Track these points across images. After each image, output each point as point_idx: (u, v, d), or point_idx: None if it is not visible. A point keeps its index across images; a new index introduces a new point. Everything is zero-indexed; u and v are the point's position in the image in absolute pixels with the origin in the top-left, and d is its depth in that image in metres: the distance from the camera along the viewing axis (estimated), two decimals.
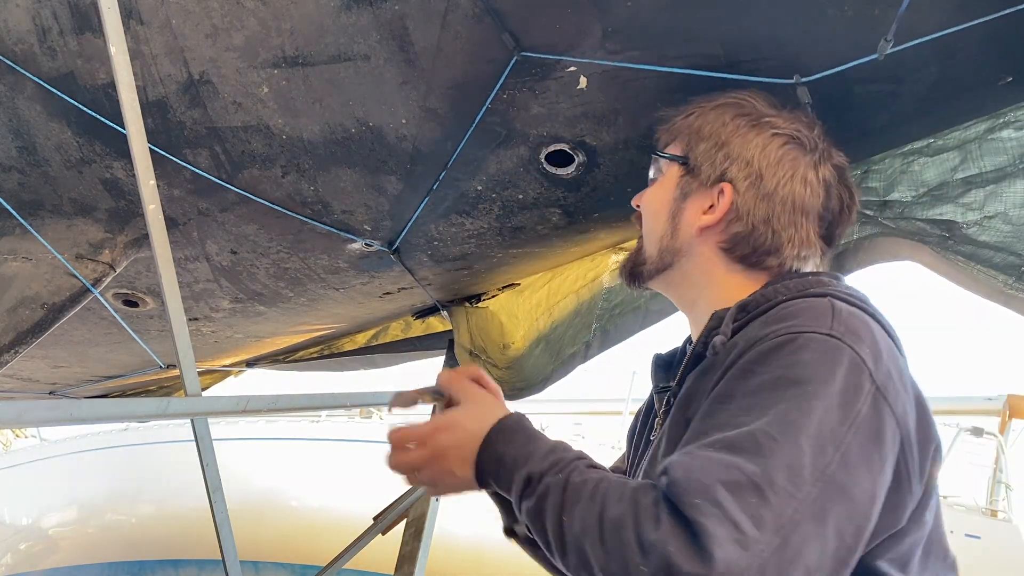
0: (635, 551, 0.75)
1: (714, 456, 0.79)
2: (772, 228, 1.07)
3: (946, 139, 1.39)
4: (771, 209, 1.07)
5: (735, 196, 1.09)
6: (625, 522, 0.78)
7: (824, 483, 0.78)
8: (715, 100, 1.15)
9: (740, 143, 1.10)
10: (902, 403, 0.88)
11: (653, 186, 1.20)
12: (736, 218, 1.09)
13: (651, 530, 0.75)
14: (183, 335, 1.40)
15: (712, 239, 1.11)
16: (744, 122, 1.11)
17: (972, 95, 1.32)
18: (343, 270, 1.92)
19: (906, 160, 1.42)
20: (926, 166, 1.40)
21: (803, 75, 1.22)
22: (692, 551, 0.72)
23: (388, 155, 1.50)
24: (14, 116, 1.55)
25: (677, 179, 1.15)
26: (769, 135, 1.09)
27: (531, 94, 1.33)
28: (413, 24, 1.26)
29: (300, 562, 6.95)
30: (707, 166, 1.11)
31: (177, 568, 7.60)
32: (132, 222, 1.74)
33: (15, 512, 8.79)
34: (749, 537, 0.72)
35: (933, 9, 1.12)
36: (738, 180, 1.09)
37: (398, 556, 2.48)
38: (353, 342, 3.09)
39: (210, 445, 1.59)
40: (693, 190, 1.13)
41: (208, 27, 1.35)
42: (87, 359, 2.64)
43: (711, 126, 1.13)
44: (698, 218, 1.11)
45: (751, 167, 1.08)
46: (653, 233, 1.17)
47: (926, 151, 1.41)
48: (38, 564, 8.31)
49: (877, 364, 0.87)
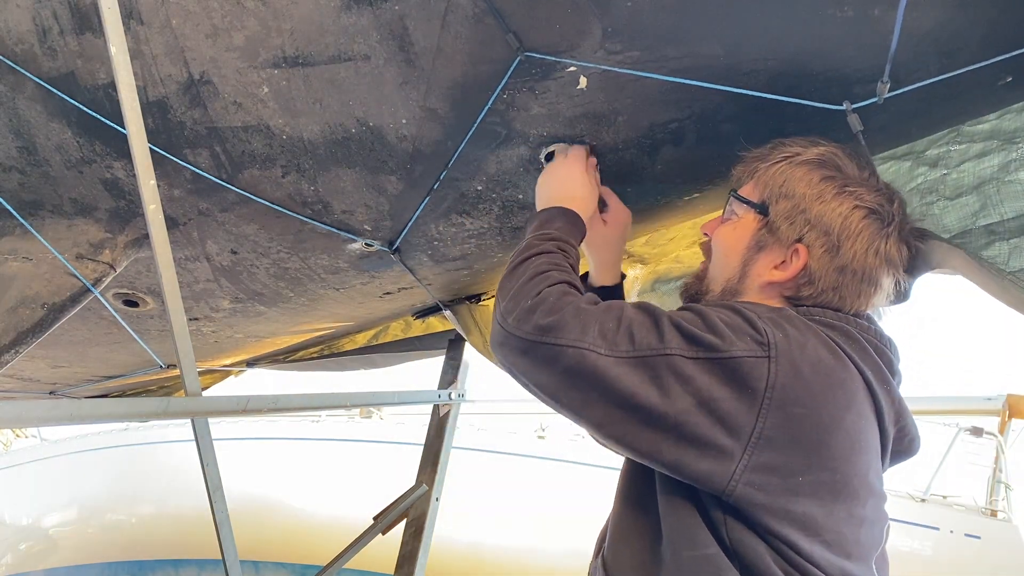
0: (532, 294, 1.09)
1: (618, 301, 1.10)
2: (840, 295, 1.12)
3: (961, 174, 1.39)
4: (842, 279, 1.12)
5: (809, 260, 1.12)
6: (546, 279, 1.12)
7: (659, 355, 0.98)
8: (802, 153, 1.17)
9: (822, 209, 1.13)
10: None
11: (727, 225, 1.23)
12: (807, 281, 1.13)
13: (548, 288, 1.10)
14: (183, 335, 1.41)
15: (777, 290, 1.16)
16: (829, 187, 1.13)
17: (972, 95, 1.32)
18: (343, 270, 1.92)
19: (925, 201, 1.42)
20: (946, 210, 1.40)
21: (852, 100, 1.20)
22: (549, 308, 1.05)
23: (388, 155, 1.50)
24: (14, 116, 1.55)
25: (754, 229, 1.18)
26: (852, 206, 1.12)
27: (531, 94, 1.33)
28: (413, 24, 1.26)
29: (300, 562, 6.95)
30: (786, 226, 1.14)
31: (177, 568, 7.60)
32: (132, 222, 1.74)
33: (15, 512, 8.78)
34: (586, 331, 1.02)
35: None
36: (815, 246, 1.12)
37: (398, 556, 2.49)
38: (353, 342, 3.10)
39: (210, 445, 1.60)
40: (768, 244, 1.16)
41: (208, 27, 1.35)
42: (87, 359, 2.64)
43: (795, 184, 1.15)
44: (768, 271, 1.16)
45: (829, 237, 1.12)
46: (721, 272, 1.22)
47: (943, 191, 1.41)
48: (38, 564, 8.31)
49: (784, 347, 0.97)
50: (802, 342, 0.99)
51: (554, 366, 1.01)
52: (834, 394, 0.97)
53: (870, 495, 1.01)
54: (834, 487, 0.97)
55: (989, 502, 6.49)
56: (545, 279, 1.11)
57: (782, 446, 0.94)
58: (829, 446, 0.96)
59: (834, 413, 0.97)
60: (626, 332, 1.00)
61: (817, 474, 0.96)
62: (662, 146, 1.43)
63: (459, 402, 2.65)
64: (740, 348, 0.96)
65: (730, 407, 0.94)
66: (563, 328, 1.01)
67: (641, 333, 1.00)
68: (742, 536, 0.96)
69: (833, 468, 0.97)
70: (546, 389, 1.03)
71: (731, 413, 0.94)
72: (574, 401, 1.01)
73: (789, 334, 0.99)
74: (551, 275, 1.13)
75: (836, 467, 0.97)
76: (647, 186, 1.56)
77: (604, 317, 1.03)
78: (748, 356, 0.95)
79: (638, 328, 1.01)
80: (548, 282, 1.10)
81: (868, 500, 1.01)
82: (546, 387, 1.03)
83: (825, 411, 0.96)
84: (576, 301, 1.06)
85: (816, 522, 0.96)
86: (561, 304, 1.05)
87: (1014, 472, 6.68)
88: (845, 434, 0.97)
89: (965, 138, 1.43)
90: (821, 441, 0.96)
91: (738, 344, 0.96)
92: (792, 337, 0.99)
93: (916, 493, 6.06)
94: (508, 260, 1.22)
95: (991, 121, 1.40)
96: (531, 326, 1.03)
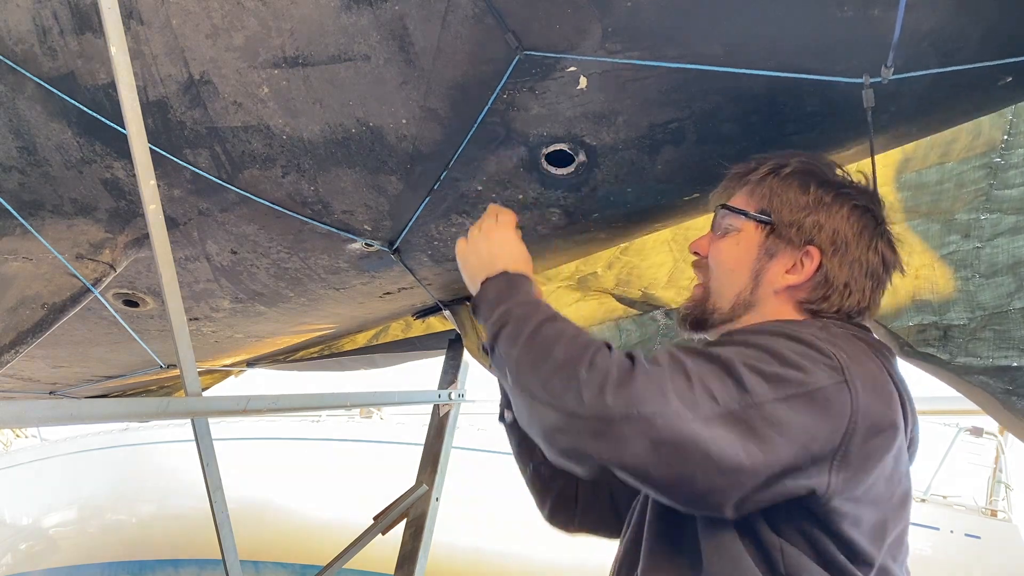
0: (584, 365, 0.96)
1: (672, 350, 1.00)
2: (850, 291, 1.15)
3: (995, 249, 1.42)
4: (852, 275, 1.15)
5: (823, 259, 1.15)
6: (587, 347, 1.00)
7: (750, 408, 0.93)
8: (787, 163, 1.20)
9: (827, 212, 1.17)
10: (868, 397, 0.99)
11: (725, 241, 1.23)
12: (823, 280, 1.15)
13: (602, 359, 0.97)
14: (183, 335, 1.41)
15: (790, 295, 1.17)
16: (826, 192, 1.18)
17: (972, 95, 1.32)
18: (343, 270, 1.92)
19: (959, 275, 1.45)
20: (981, 287, 1.43)
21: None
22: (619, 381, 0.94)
23: (388, 155, 1.50)
24: (14, 116, 1.55)
25: (761, 239, 1.19)
26: (851, 206, 1.17)
27: (531, 94, 1.33)
28: (413, 24, 1.26)
29: (300, 562, 6.96)
30: (795, 231, 1.17)
31: (177, 568, 7.61)
32: (132, 222, 1.74)
33: (15, 512, 8.79)
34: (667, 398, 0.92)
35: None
36: (825, 245, 1.15)
37: (398, 556, 2.48)
38: (353, 342, 3.10)
39: (210, 445, 1.60)
40: (779, 251, 1.18)
41: (208, 27, 1.35)
42: (87, 359, 2.64)
43: (794, 192, 1.18)
44: (781, 277, 1.17)
45: (838, 235, 1.16)
46: (728, 288, 1.21)
47: (978, 266, 1.43)
48: (38, 564, 8.31)
49: (849, 361, 0.98)
50: (858, 358, 1.01)
51: (640, 442, 0.91)
52: (889, 406, 1.01)
53: (909, 499, 1.07)
54: (891, 494, 1.02)
55: (989, 502, 6.50)
56: (584, 348, 1.00)
57: (856, 462, 0.97)
58: (884, 455, 0.99)
59: (892, 423, 1.01)
60: (702, 389, 0.93)
61: (877, 484, 0.99)
62: (662, 146, 1.43)
63: (459, 402, 2.65)
64: (821, 378, 0.95)
65: (824, 436, 0.95)
66: (642, 399, 0.91)
67: (718, 386, 0.94)
68: (799, 561, 0.97)
69: (887, 476, 1.01)
70: (633, 468, 0.92)
71: (825, 441, 0.95)
72: (668, 475, 0.92)
73: (847, 351, 1.00)
74: (582, 339, 1.02)
75: (890, 475, 1.01)
76: (647, 186, 1.56)
77: (672, 375, 0.94)
78: (830, 384, 0.96)
79: (713, 381, 0.94)
80: (590, 350, 0.99)
81: (909, 504, 1.06)
82: (633, 466, 0.92)
83: (885, 422, 0.99)
84: (638, 364, 0.96)
85: (874, 527, 1.00)
86: (628, 373, 0.94)
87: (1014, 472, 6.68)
88: (896, 444, 1.01)
89: (995, 204, 1.46)
90: (881, 450, 0.99)
91: (817, 373, 0.96)
92: (851, 355, 1.00)
93: (916, 493, 6.05)
94: (499, 347, 1.11)
95: (1019, 187, 1.42)
96: (604, 404, 0.92)
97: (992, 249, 1.46)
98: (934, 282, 1.59)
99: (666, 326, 2.28)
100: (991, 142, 1.53)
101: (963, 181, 1.54)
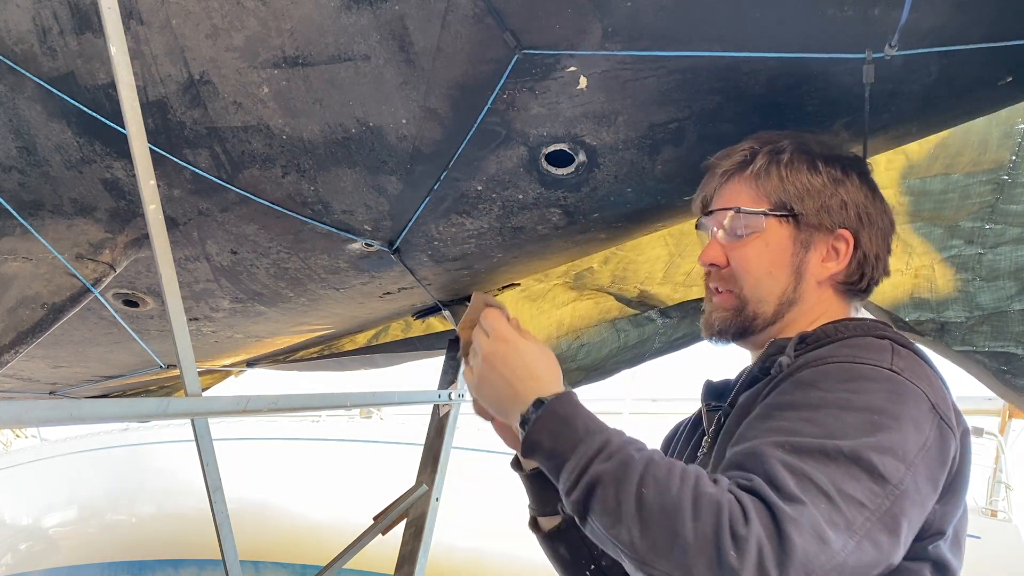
0: (727, 542, 0.79)
1: (788, 460, 0.86)
2: (880, 261, 1.17)
3: (997, 256, 1.44)
4: (880, 245, 1.16)
5: (857, 238, 1.14)
6: (718, 514, 0.81)
7: (896, 498, 0.86)
8: (783, 147, 1.16)
9: (845, 188, 1.15)
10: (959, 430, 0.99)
11: (751, 246, 1.15)
12: (862, 259, 1.15)
13: (742, 526, 0.80)
14: (183, 335, 1.40)
15: (830, 281, 1.16)
16: (833, 167, 1.15)
17: (972, 95, 1.32)
18: (343, 270, 1.92)
19: (959, 276, 1.47)
20: (981, 289, 1.46)
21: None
22: (778, 551, 0.78)
23: (388, 155, 1.50)
24: (14, 116, 1.55)
25: (791, 233, 1.15)
26: (858, 173, 1.17)
27: (531, 94, 1.33)
28: (413, 24, 1.26)
29: (300, 562, 6.95)
30: (825, 216, 1.14)
31: (177, 568, 7.61)
32: (132, 222, 1.74)
33: (15, 512, 8.79)
34: (827, 541, 0.80)
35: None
36: (854, 224, 1.14)
37: (398, 556, 2.48)
38: (353, 342, 3.09)
39: (210, 445, 1.59)
40: (814, 240, 1.15)
41: (208, 27, 1.35)
42: (87, 359, 2.64)
43: (807, 176, 1.14)
44: (822, 267, 1.15)
45: (860, 208, 1.15)
46: (769, 292, 1.15)
47: (979, 270, 1.45)
48: (38, 564, 8.32)
49: (936, 397, 0.96)
50: (927, 378, 0.99)
51: None
52: (961, 417, 1.01)
53: None
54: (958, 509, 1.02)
55: (989, 502, 6.49)
56: (707, 511, 0.81)
57: (955, 488, 0.99)
58: (969, 469, 1.03)
59: (966, 432, 1.02)
60: (845, 501, 0.83)
61: (952, 496, 1.00)
62: (662, 146, 1.43)
63: (459, 402, 2.65)
64: (925, 426, 0.93)
65: (939, 481, 0.95)
66: (811, 564, 0.79)
67: (856, 487, 0.84)
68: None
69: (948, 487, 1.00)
70: None
71: (939, 485, 0.95)
72: None
73: (917, 373, 0.98)
74: (694, 492, 0.83)
75: (950, 484, 1.00)
76: (647, 186, 1.56)
77: (814, 504, 0.82)
78: (934, 432, 0.94)
79: (847, 483, 0.84)
80: (714, 511, 0.81)
81: None
82: None
83: (968, 440, 1.02)
84: (779, 515, 0.80)
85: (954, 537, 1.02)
86: (777, 538, 0.79)
87: (1014, 472, 6.68)
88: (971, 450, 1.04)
89: (1000, 216, 1.48)
90: (968, 465, 1.02)
91: (923, 424, 0.92)
92: (929, 381, 0.99)
93: None
94: (594, 522, 0.89)
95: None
96: (763, 569, 0.77)
97: (995, 256, 1.49)
98: (933, 282, 1.60)
99: (663, 325, 2.28)
100: (999, 160, 1.56)
101: (968, 193, 1.56)
